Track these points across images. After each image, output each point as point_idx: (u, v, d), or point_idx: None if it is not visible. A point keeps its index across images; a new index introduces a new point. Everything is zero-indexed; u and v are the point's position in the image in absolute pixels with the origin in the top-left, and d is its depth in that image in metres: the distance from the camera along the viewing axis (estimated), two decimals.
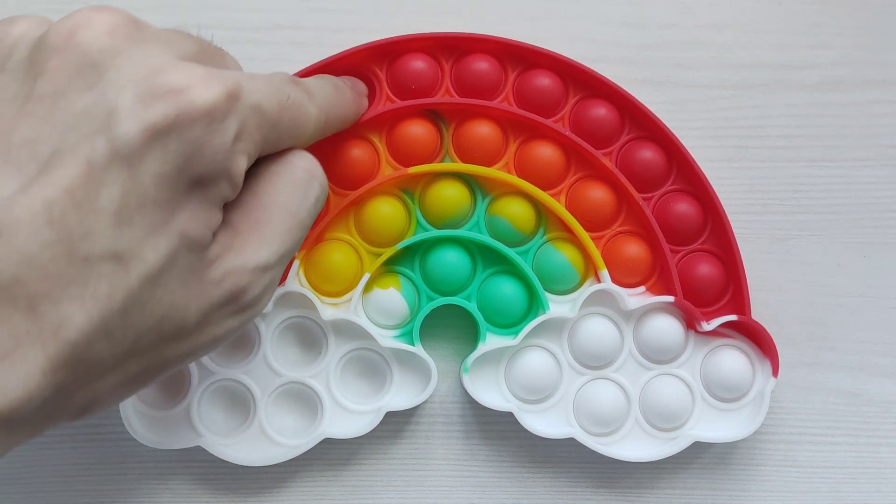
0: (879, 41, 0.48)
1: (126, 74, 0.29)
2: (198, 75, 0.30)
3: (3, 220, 0.27)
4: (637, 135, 0.46)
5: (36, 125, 0.28)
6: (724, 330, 0.46)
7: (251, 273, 0.33)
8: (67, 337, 0.28)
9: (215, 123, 0.30)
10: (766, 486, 0.47)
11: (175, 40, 0.33)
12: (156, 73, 0.29)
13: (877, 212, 0.48)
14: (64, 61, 0.29)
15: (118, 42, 0.30)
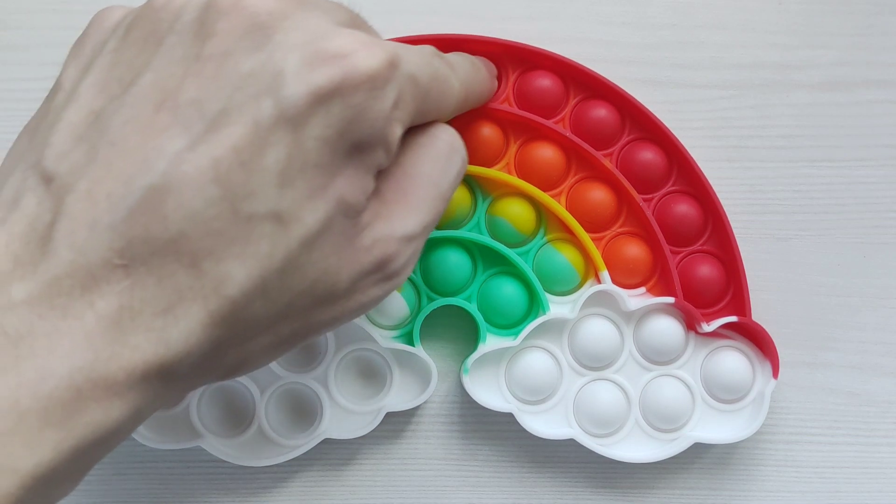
0: (879, 41, 0.48)
1: (293, 37, 0.29)
2: (361, 41, 0.30)
3: (171, 176, 0.28)
4: (637, 136, 0.46)
5: (204, 85, 0.29)
6: (725, 331, 0.46)
7: (398, 242, 0.33)
8: (228, 293, 0.28)
9: (377, 90, 0.30)
10: (766, 486, 0.47)
11: (332, 8, 0.33)
12: (322, 37, 0.30)
13: (877, 212, 0.48)
14: (233, 23, 0.29)
15: (285, 6, 0.30)
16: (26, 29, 0.48)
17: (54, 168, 0.29)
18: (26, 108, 0.47)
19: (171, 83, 0.29)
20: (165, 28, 0.30)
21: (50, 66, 0.47)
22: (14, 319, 0.27)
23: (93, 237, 0.27)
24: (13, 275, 0.27)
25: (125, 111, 0.29)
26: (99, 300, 0.27)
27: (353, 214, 0.31)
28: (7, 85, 0.48)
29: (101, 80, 0.30)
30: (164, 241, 0.28)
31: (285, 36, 0.29)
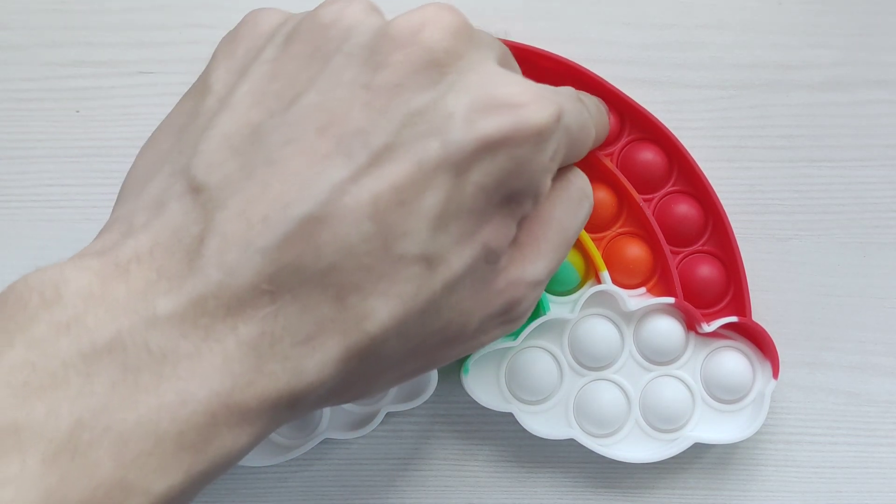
0: (879, 41, 0.48)
1: (466, 80, 0.29)
2: (532, 92, 0.30)
3: (330, 207, 0.27)
4: (637, 136, 0.46)
5: (372, 116, 0.28)
6: (725, 331, 0.46)
7: (527, 286, 0.33)
8: (368, 330, 0.28)
9: (541, 143, 0.30)
10: (766, 486, 0.47)
11: (493, 44, 0.32)
12: (494, 82, 0.29)
13: (877, 212, 0.48)
14: (408, 57, 0.29)
15: (460, 44, 0.30)
16: (26, 29, 0.48)
17: (204, 179, 0.28)
18: (26, 107, 0.47)
19: (337, 108, 0.28)
20: (333, 47, 0.30)
21: (50, 66, 0.47)
22: (158, 336, 0.26)
23: (244, 259, 0.27)
24: (158, 287, 0.27)
25: (286, 130, 0.28)
26: (242, 325, 0.27)
27: (493, 260, 0.31)
28: (7, 85, 0.48)
29: (258, 91, 0.30)
30: (315, 271, 0.27)
31: (459, 77, 0.29)
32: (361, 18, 0.30)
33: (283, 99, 0.29)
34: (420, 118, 0.28)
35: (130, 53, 0.48)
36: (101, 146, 0.48)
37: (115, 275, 0.27)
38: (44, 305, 0.26)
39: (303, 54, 0.30)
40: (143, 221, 0.28)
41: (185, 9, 0.48)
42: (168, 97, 0.47)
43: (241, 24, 0.33)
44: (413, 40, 0.29)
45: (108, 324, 0.26)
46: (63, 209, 0.47)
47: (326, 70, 0.29)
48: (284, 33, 0.31)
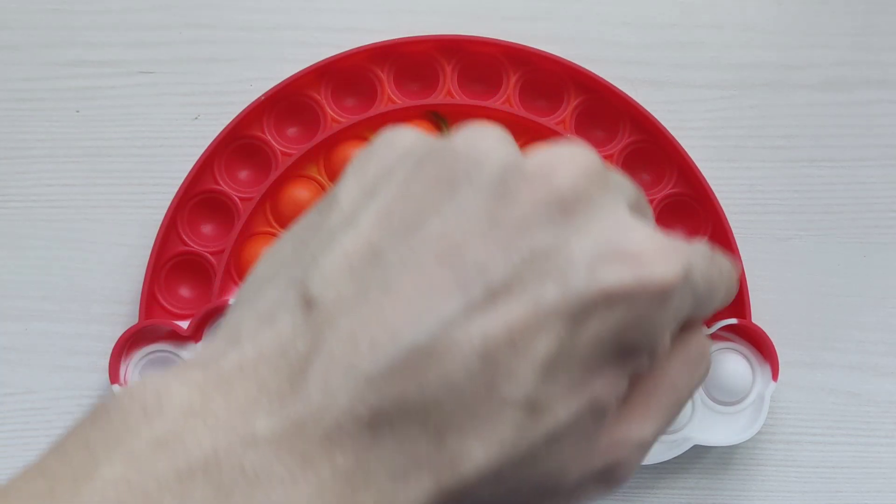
0: (879, 41, 0.48)
1: (592, 225, 0.28)
2: (660, 245, 0.28)
3: (440, 340, 0.27)
4: (637, 137, 0.46)
5: (493, 250, 0.27)
6: (725, 333, 0.46)
7: (632, 447, 0.32)
8: (463, 472, 0.27)
9: (664, 300, 0.29)
10: (766, 486, 0.47)
11: (626, 184, 0.32)
12: (622, 230, 0.28)
13: (877, 212, 0.48)
14: (536, 193, 0.28)
15: (591, 187, 0.29)
16: (26, 29, 0.48)
17: (319, 294, 0.27)
18: (26, 107, 0.47)
19: (459, 237, 0.28)
20: (462, 175, 0.29)
21: (50, 66, 0.47)
22: (254, 457, 0.26)
23: (347, 385, 0.26)
24: (258, 404, 0.26)
25: (406, 255, 0.28)
26: (340, 454, 0.26)
27: (600, 416, 0.30)
28: (7, 85, 0.48)
29: (385, 212, 0.29)
30: (417, 404, 0.27)
31: (585, 221, 0.28)
32: (495, 150, 0.29)
33: (407, 223, 0.28)
34: (542, 259, 0.27)
35: (130, 53, 0.48)
36: (101, 146, 0.48)
37: (217, 388, 0.26)
38: (145, 419, 0.26)
39: (432, 180, 0.29)
40: (252, 331, 0.28)
41: (185, 9, 0.48)
42: (168, 97, 0.47)
43: (375, 142, 0.32)
44: (544, 179, 0.28)
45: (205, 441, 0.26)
46: (63, 209, 0.48)
47: (454, 198, 0.29)
48: (417, 156, 0.30)
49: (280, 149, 0.46)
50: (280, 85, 0.45)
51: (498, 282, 0.27)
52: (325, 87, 0.46)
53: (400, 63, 0.46)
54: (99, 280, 0.47)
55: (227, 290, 0.45)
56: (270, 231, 0.46)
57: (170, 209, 0.45)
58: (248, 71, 0.48)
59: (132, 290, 0.47)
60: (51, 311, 0.47)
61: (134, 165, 0.48)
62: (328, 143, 0.45)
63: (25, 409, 0.47)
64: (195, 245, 0.46)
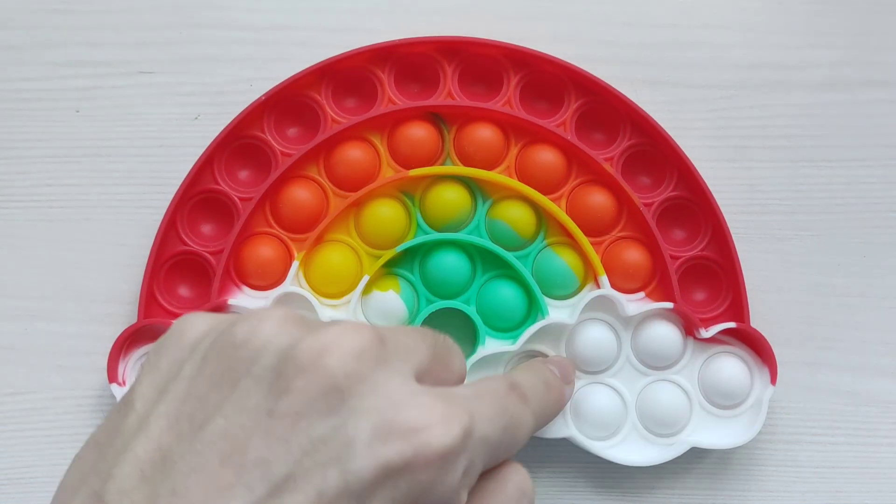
0: (879, 41, 0.48)
1: (367, 403, 0.29)
2: (437, 414, 0.29)
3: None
4: (638, 140, 0.46)
5: (273, 445, 0.28)
6: (723, 337, 0.46)
7: None
8: None
9: (447, 465, 0.29)
10: (766, 486, 0.47)
11: (412, 348, 0.32)
12: (396, 406, 0.29)
13: (877, 212, 0.48)
14: (309, 383, 0.28)
15: (363, 367, 0.29)
16: (26, 29, 0.48)
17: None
18: (26, 107, 0.47)
19: (241, 436, 0.28)
20: (242, 369, 0.29)
21: (50, 66, 0.47)
22: None
23: None
24: None
25: (191, 459, 0.28)
26: None
27: None
28: (7, 85, 0.48)
29: (173, 413, 0.29)
30: None
31: (360, 401, 0.28)
32: (272, 338, 0.30)
33: (193, 422, 0.29)
34: (321, 446, 0.28)
35: (130, 53, 0.48)
36: (101, 146, 0.48)
37: None
38: None
39: (215, 375, 0.30)
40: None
41: (185, 9, 0.48)
42: (168, 97, 0.47)
43: (168, 332, 0.32)
44: (315, 365, 0.29)
45: None
46: (63, 209, 0.48)
47: (234, 394, 0.29)
48: (203, 349, 0.31)
49: (280, 149, 0.46)
50: (280, 85, 0.45)
51: (280, 476, 0.28)
52: (326, 88, 0.46)
53: (400, 64, 0.46)
54: (99, 280, 0.47)
55: (226, 289, 0.46)
56: (270, 231, 0.46)
57: (169, 209, 0.45)
58: (248, 71, 0.48)
59: (131, 290, 0.47)
60: (51, 310, 0.47)
61: (134, 165, 0.48)
62: (328, 143, 0.45)
63: (25, 409, 0.47)
64: (195, 245, 0.46)
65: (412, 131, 0.45)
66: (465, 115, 0.46)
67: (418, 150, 0.45)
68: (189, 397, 0.30)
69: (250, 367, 0.29)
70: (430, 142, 0.45)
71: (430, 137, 0.45)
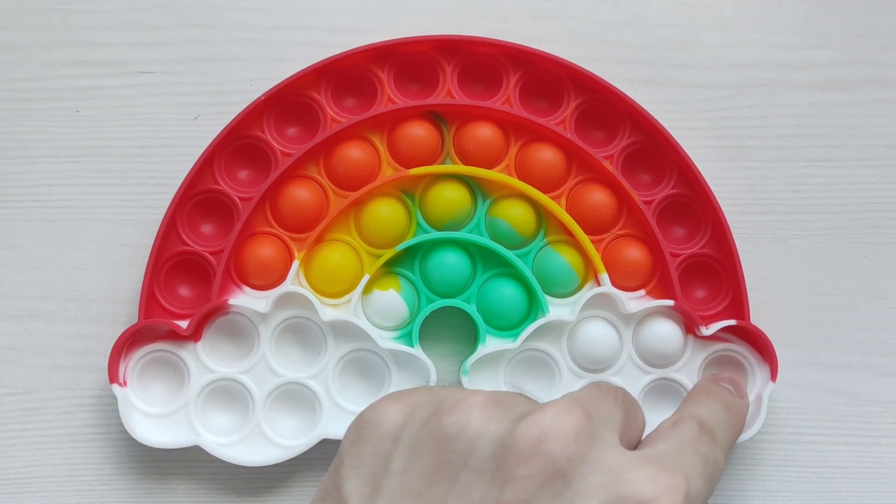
0: (879, 41, 0.48)
1: (592, 482, 0.29)
2: (661, 484, 0.29)
3: None
4: (638, 138, 0.46)
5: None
6: (724, 334, 0.46)
7: None
8: None
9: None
10: (766, 486, 0.47)
11: (610, 414, 0.32)
12: (620, 480, 0.29)
13: (877, 212, 0.48)
14: (533, 470, 0.29)
15: (582, 448, 0.29)
16: (26, 29, 0.48)
17: None
18: (26, 108, 0.47)
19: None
20: (459, 461, 0.30)
21: (50, 66, 0.47)
22: None
23: None
24: None
25: None
26: None
27: None
28: (7, 85, 0.48)
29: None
30: None
31: (584, 482, 0.29)
32: (484, 427, 0.30)
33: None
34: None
35: (130, 53, 0.48)
36: (101, 146, 0.48)
37: None
38: None
39: (430, 469, 0.30)
40: None
41: (185, 9, 0.48)
42: (168, 97, 0.47)
43: (361, 423, 0.33)
44: (536, 452, 0.29)
45: None
46: (63, 209, 0.48)
47: (455, 488, 0.29)
48: (409, 440, 0.31)
49: (280, 149, 0.46)
50: (280, 85, 0.45)
51: None
52: (325, 87, 0.46)
53: (400, 63, 0.46)
54: (99, 280, 0.47)
55: (226, 289, 0.45)
56: (270, 231, 0.46)
57: (169, 209, 0.45)
58: (248, 71, 0.48)
59: (132, 290, 0.47)
60: (51, 311, 0.47)
61: (134, 165, 0.48)
62: (328, 143, 0.45)
63: (25, 409, 0.47)
64: (195, 245, 0.46)
65: (412, 130, 0.45)
66: (465, 113, 0.46)
67: (418, 149, 0.45)
68: (407, 494, 0.30)
69: (467, 458, 0.29)
70: (430, 141, 0.45)
71: (430, 136, 0.45)
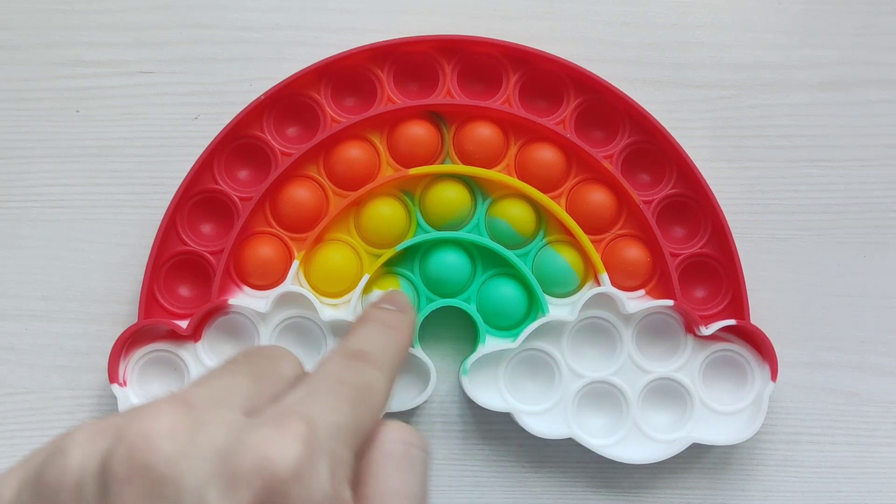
0: (879, 41, 0.48)
1: (201, 473, 0.27)
2: (270, 439, 0.28)
3: None
4: (637, 137, 0.46)
5: None
6: (723, 334, 0.46)
7: None
8: None
9: (307, 479, 0.27)
10: (766, 486, 0.47)
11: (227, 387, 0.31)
12: (230, 456, 0.27)
13: (877, 212, 0.48)
14: (137, 488, 0.27)
15: (179, 442, 0.27)
16: (26, 29, 0.48)
17: None
18: (26, 107, 0.47)
19: None
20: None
21: (50, 66, 0.47)
22: None
23: None
24: None
25: None
26: None
27: None
28: (7, 85, 0.48)
29: None
30: None
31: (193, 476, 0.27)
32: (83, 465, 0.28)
33: None
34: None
35: (130, 53, 0.48)
36: (101, 146, 0.48)
37: None
38: None
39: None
40: None
41: (185, 9, 0.48)
42: (168, 97, 0.47)
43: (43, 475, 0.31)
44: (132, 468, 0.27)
45: None
46: (63, 209, 0.48)
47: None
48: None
49: (280, 148, 0.46)
50: (280, 85, 0.45)
51: None
52: (325, 87, 0.46)
53: (400, 63, 0.46)
54: (99, 280, 0.47)
55: (226, 289, 0.45)
56: (270, 231, 0.46)
57: (169, 209, 0.45)
58: (248, 71, 0.48)
59: (132, 290, 0.47)
60: (51, 310, 0.47)
61: (134, 165, 0.48)
62: (328, 142, 0.45)
63: (25, 409, 0.47)
64: (195, 245, 0.46)
65: (412, 130, 0.45)
66: (465, 113, 0.46)
67: (418, 148, 0.45)
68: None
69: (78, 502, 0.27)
70: (430, 140, 0.45)
71: (430, 136, 0.45)
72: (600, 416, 0.45)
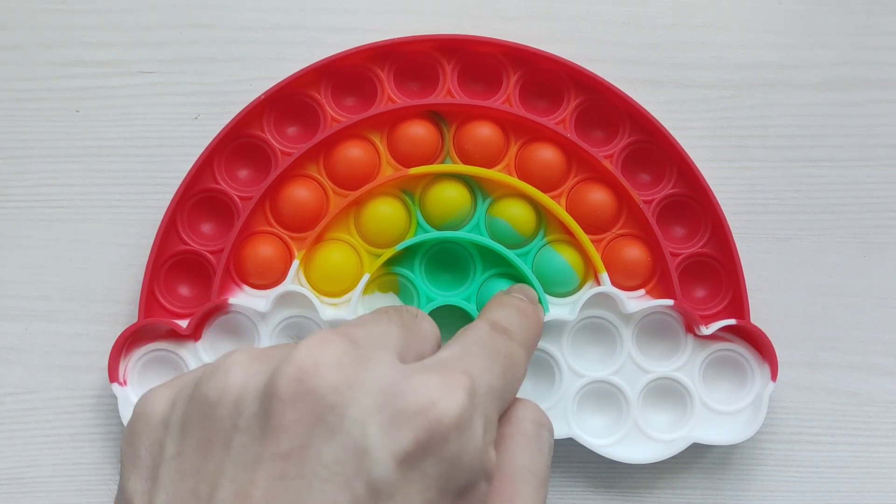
0: (879, 41, 0.48)
1: (366, 406, 0.27)
2: (436, 387, 0.28)
3: None
4: (638, 137, 0.46)
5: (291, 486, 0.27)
6: (723, 334, 0.46)
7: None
8: None
9: (465, 431, 0.28)
10: (766, 486, 0.47)
11: (383, 333, 0.31)
12: (395, 395, 0.28)
13: (877, 212, 0.48)
14: (301, 412, 0.27)
15: (347, 374, 0.28)
16: (26, 29, 0.48)
17: None
18: (26, 107, 0.47)
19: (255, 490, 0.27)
20: (228, 426, 0.28)
21: (50, 66, 0.47)
22: None
23: None
24: None
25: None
26: None
27: None
28: (7, 85, 0.48)
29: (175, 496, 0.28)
30: None
31: (358, 408, 0.27)
32: (246, 384, 0.29)
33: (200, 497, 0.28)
34: (338, 467, 0.27)
35: (130, 53, 0.48)
36: (101, 146, 0.48)
37: None
38: None
39: (203, 442, 0.28)
40: None
41: (185, 9, 0.48)
42: (168, 97, 0.47)
43: (133, 419, 0.31)
44: (299, 392, 0.27)
45: None
46: (63, 209, 0.48)
47: (231, 454, 0.28)
48: (178, 422, 0.29)
49: (280, 148, 0.46)
50: (280, 84, 0.45)
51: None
52: (325, 87, 0.46)
53: (400, 63, 0.46)
54: (99, 280, 0.47)
55: (226, 289, 0.46)
56: (270, 230, 0.46)
57: (169, 208, 0.45)
58: (248, 71, 0.48)
59: (132, 290, 0.47)
60: (51, 310, 0.47)
61: (134, 165, 0.48)
62: (328, 142, 0.45)
63: (25, 409, 0.47)
64: (195, 244, 0.46)
65: (412, 130, 0.45)
66: (465, 113, 0.46)
67: (418, 148, 0.45)
68: (184, 475, 0.28)
69: (236, 421, 0.28)
70: (430, 140, 0.45)
71: (430, 136, 0.45)
72: (600, 416, 0.45)
